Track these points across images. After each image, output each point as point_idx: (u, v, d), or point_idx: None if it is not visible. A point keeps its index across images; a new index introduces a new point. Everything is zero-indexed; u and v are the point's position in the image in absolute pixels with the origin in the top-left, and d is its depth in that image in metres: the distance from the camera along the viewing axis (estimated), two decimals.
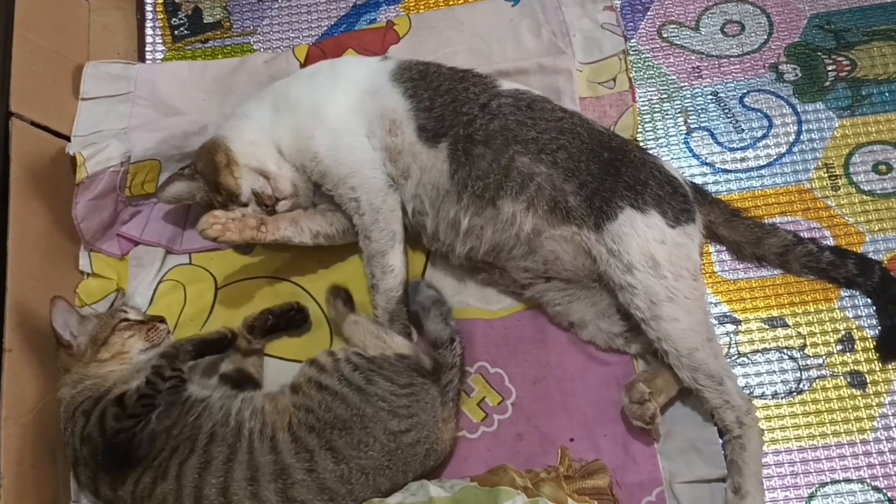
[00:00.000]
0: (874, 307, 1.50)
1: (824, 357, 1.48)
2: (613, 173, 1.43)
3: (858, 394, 1.45)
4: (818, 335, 1.50)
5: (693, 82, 1.75)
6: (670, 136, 1.70)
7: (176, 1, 1.96)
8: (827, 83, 1.72)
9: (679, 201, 1.44)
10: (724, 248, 1.58)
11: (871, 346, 1.48)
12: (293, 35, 1.90)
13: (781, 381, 1.47)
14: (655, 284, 1.37)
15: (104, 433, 1.25)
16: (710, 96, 1.73)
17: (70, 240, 1.61)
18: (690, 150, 1.69)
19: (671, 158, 1.67)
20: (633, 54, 1.79)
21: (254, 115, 1.57)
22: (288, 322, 1.54)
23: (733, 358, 1.50)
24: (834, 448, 1.42)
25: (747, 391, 1.46)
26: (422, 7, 1.90)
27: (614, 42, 1.77)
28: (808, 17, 1.79)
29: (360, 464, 1.26)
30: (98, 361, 1.35)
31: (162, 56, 1.89)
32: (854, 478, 1.39)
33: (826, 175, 1.63)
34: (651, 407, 1.36)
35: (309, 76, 1.62)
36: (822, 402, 1.45)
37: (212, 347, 1.43)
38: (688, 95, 1.74)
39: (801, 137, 1.67)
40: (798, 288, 1.54)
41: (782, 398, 1.46)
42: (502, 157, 1.43)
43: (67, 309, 1.38)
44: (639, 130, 1.70)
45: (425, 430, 1.31)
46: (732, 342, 1.51)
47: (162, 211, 1.67)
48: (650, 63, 1.78)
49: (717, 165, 1.67)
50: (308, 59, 1.77)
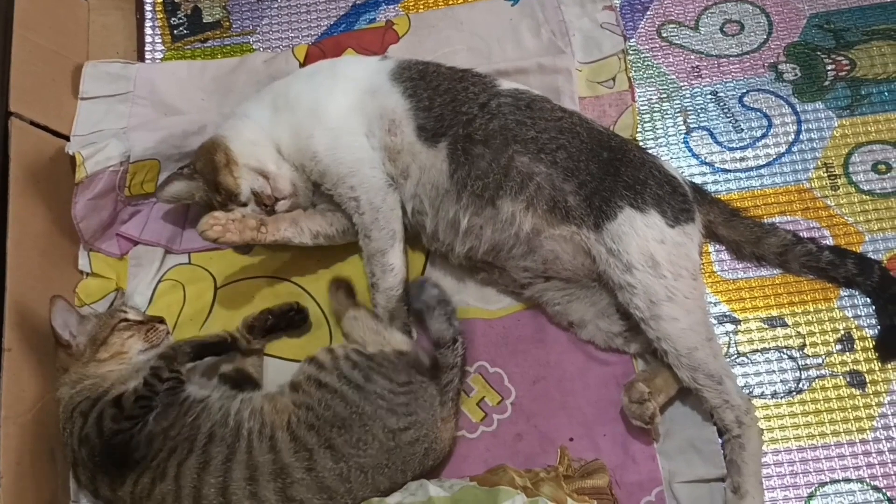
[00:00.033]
0: (873, 307, 1.50)
1: (824, 357, 1.48)
2: (613, 173, 1.43)
3: (858, 393, 1.45)
4: (817, 335, 1.50)
5: (692, 82, 1.75)
6: (670, 136, 1.70)
7: (175, 1, 1.95)
8: (826, 83, 1.72)
9: (678, 201, 1.44)
10: (723, 247, 1.58)
11: (871, 346, 1.48)
12: (292, 35, 1.90)
13: (781, 381, 1.47)
14: (655, 284, 1.37)
15: (102, 434, 1.25)
16: (709, 96, 1.73)
17: (69, 239, 1.61)
18: (690, 150, 1.69)
19: (670, 158, 1.67)
20: (632, 54, 1.79)
21: (253, 115, 1.57)
22: (288, 322, 1.54)
23: (733, 357, 1.50)
24: (833, 448, 1.42)
25: (747, 391, 1.46)
26: (421, 7, 1.90)
27: (614, 41, 1.77)
28: (808, 17, 1.79)
29: (359, 462, 1.26)
30: (97, 361, 1.35)
31: (161, 56, 1.89)
32: (853, 477, 1.39)
33: (825, 175, 1.63)
34: (650, 406, 1.36)
35: (308, 76, 1.62)
36: (822, 402, 1.45)
37: (211, 350, 1.43)
38: (687, 95, 1.74)
39: (801, 137, 1.67)
40: (797, 287, 1.54)
41: (782, 398, 1.46)
42: (502, 157, 1.43)
43: (67, 308, 1.38)
44: (638, 130, 1.70)
45: (424, 428, 1.31)
46: (732, 342, 1.51)
47: (161, 211, 1.67)
48: (650, 63, 1.78)
49: (716, 165, 1.67)
50: (307, 59, 1.77)
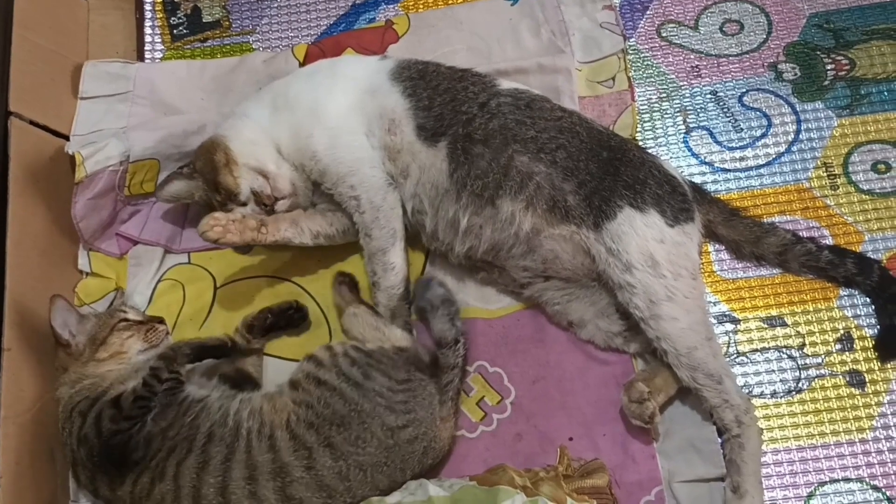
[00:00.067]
0: (873, 306, 1.50)
1: (823, 356, 1.48)
2: (612, 172, 1.43)
3: (857, 393, 1.45)
4: (817, 334, 1.50)
5: (692, 81, 1.75)
6: (669, 136, 1.70)
7: (175, 0, 1.95)
8: (826, 82, 1.72)
9: (678, 200, 1.44)
10: (723, 247, 1.58)
11: (870, 346, 1.48)
12: (292, 34, 1.90)
13: (780, 381, 1.47)
14: (654, 283, 1.37)
15: (100, 434, 1.25)
16: (709, 95, 1.73)
17: (69, 239, 1.61)
18: (689, 150, 1.69)
19: (670, 157, 1.67)
20: (632, 53, 1.79)
21: (253, 115, 1.57)
22: (287, 321, 1.54)
23: (732, 357, 1.50)
24: (833, 447, 1.42)
25: (746, 390, 1.46)
26: (421, 6, 1.90)
27: (613, 41, 1.77)
28: (808, 17, 1.79)
29: (358, 460, 1.26)
30: (96, 361, 1.34)
31: (161, 55, 1.89)
32: (853, 477, 1.39)
33: (825, 174, 1.63)
34: (650, 406, 1.36)
35: (308, 75, 1.62)
36: (821, 402, 1.45)
37: (210, 353, 1.42)
38: (687, 94, 1.74)
39: (800, 136, 1.67)
40: (797, 287, 1.54)
41: (781, 397, 1.46)
42: (501, 157, 1.42)
43: (67, 308, 1.38)
44: (638, 129, 1.70)
45: (423, 426, 1.31)
46: (731, 341, 1.51)
47: (161, 210, 1.67)
48: (649, 62, 1.78)
49: (716, 164, 1.67)
50: (307, 59, 1.77)
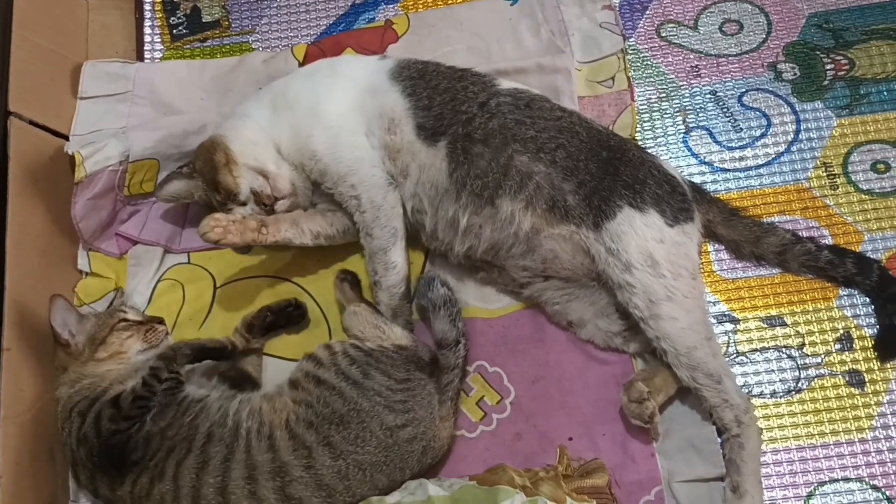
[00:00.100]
0: (873, 306, 1.50)
1: (823, 356, 1.48)
2: (612, 172, 1.43)
3: (857, 393, 1.45)
4: (817, 334, 1.50)
5: (692, 81, 1.75)
6: (669, 135, 1.70)
7: (174, 0, 1.95)
8: (825, 82, 1.72)
9: (677, 200, 1.44)
10: (722, 247, 1.58)
11: (870, 346, 1.48)
12: (292, 34, 1.89)
13: (780, 380, 1.47)
14: (654, 283, 1.37)
15: (100, 434, 1.25)
16: (708, 95, 1.74)
17: (69, 239, 1.61)
18: (689, 149, 1.69)
19: (670, 157, 1.67)
20: (631, 53, 1.79)
21: (252, 115, 1.57)
22: (287, 319, 1.54)
23: (732, 357, 1.50)
24: (832, 447, 1.42)
25: (746, 390, 1.46)
26: (420, 6, 1.90)
27: (613, 41, 1.77)
28: (807, 16, 1.79)
29: (358, 459, 1.26)
30: (95, 361, 1.34)
31: (160, 55, 1.89)
32: (853, 477, 1.39)
33: (825, 174, 1.63)
34: (650, 406, 1.36)
35: (307, 75, 1.62)
36: (821, 401, 1.45)
37: (210, 354, 1.42)
38: (686, 94, 1.74)
39: (800, 136, 1.67)
40: (797, 287, 1.54)
41: (781, 397, 1.46)
42: (501, 156, 1.43)
43: (66, 307, 1.38)
44: (637, 129, 1.70)
45: (422, 426, 1.31)
46: (731, 341, 1.51)
47: (160, 210, 1.67)
48: (649, 62, 1.78)
49: (715, 164, 1.67)
50: (307, 59, 1.77)
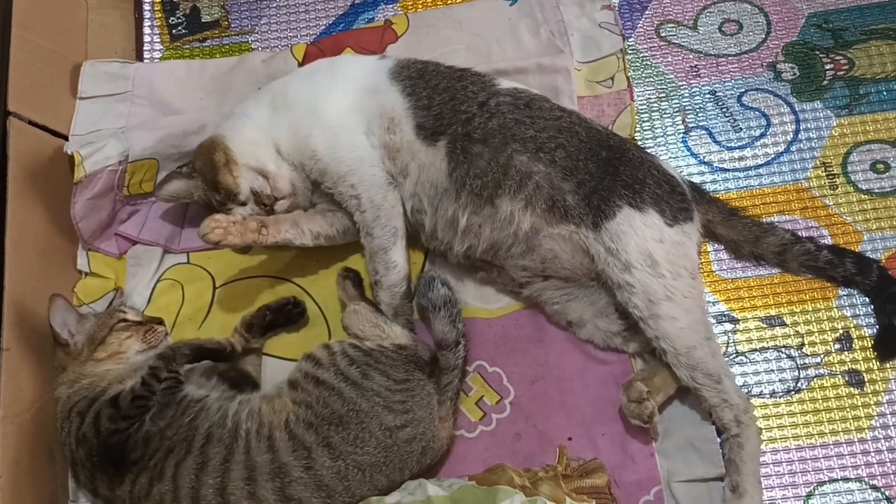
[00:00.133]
0: (872, 306, 1.50)
1: (822, 356, 1.48)
2: (612, 172, 1.43)
3: (856, 393, 1.45)
4: (816, 334, 1.50)
5: (691, 81, 1.75)
6: (668, 135, 1.70)
7: (174, 0, 1.95)
8: (825, 82, 1.72)
9: (677, 200, 1.44)
10: (722, 246, 1.58)
11: (869, 345, 1.48)
12: (291, 34, 1.89)
13: (779, 380, 1.47)
14: (653, 283, 1.37)
15: (99, 434, 1.25)
16: (708, 95, 1.74)
17: (68, 239, 1.61)
18: (688, 149, 1.69)
19: (669, 157, 1.67)
20: (631, 53, 1.79)
21: (252, 115, 1.57)
22: (286, 317, 1.54)
23: (731, 357, 1.50)
24: (832, 447, 1.42)
25: (745, 390, 1.46)
26: (420, 6, 1.90)
27: (612, 41, 1.77)
28: (806, 16, 1.79)
29: (357, 460, 1.26)
30: (94, 361, 1.34)
31: (160, 55, 1.89)
32: (852, 476, 1.39)
33: (824, 174, 1.63)
34: (649, 406, 1.36)
35: (307, 75, 1.62)
36: (820, 401, 1.45)
37: (209, 355, 1.42)
38: (686, 94, 1.74)
39: (799, 136, 1.67)
40: (796, 287, 1.54)
41: (780, 397, 1.46)
42: (500, 156, 1.42)
43: (66, 307, 1.38)
44: (637, 129, 1.70)
45: (421, 426, 1.31)
46: (730, 341, 1.51)
47: (160, 210, 1.67)
48: (648, 62, 1.78)
49: (714, 164, 1.67)
50: (306, 59, 1.77)
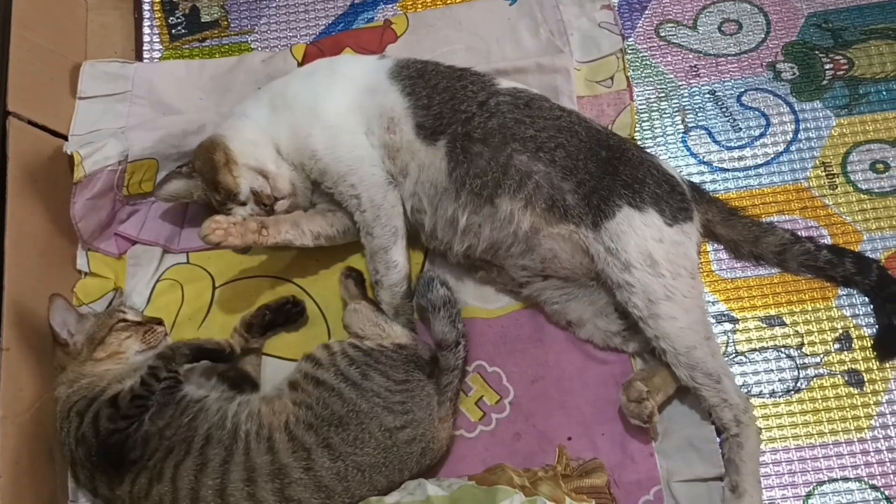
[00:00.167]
0: (872, 306, 1.50)
1: (822, 356, 1.48)
2: (611, 172, 1.43)
3: (856, 392, 1.45)
4: (816, 334, 1.50)
5: (691, 81, 1.75)
6: (668, 135, 1.70)
7: (173, 0, 1.95)
8: (824, 82, 1.72)
9: (677, 200, 1.44)
10: (721, 246, 1.58)
11: (869, 345, 1.48)
12: (291, 34, 1.89)
13: (779, 380, 1.47)
14: (653, 283, 1.37)
15: (98, 434, 1.25)
16: (707, 95, 1.74)
17: (68, 239, 1.60)
18: (688, 149, 1.69)
19: (669, 157, 1.67)
20: (630, 53, 1.79)
21: (252, 115, 1.57)
22: (286, 317, 1.54)
23: (731, 356, 1.50)
24: (831, 447, 1.42)
25: (745, 390, 1.46)
26: (419, 6, 1.90)
27: (612, 41, 1.77)
28: (806, 16, 1.79)
29: (356, 461, 1.26)
30: (94, 360, 1.34)
31: (159, 55, 1.89)
32: (851, 476, 1.39)
33: (823, 174, 1.63)
34: (649, 405, 1.36)
35: (306, 75, 1.62)
36: (820, 401, 1.45)
37: (209, 355, 1.41)
38: (685, 94, 1.74)
39: (799, 136, 1.67)
40: (796, 287, 1.54)
41: (780, 397, 1.46)
42: (500, 155, 1.43)
43: (66, 307, 1.38)
44: (636, 129, 1.70)
45: (421, 427, 1.31)
46: (730, 341, 1.51)
47: (159, 210, 1.67)
48: (648, 62, 1.78)
49: (714, 164, 1.67)
50: (306, 58, 1.77)
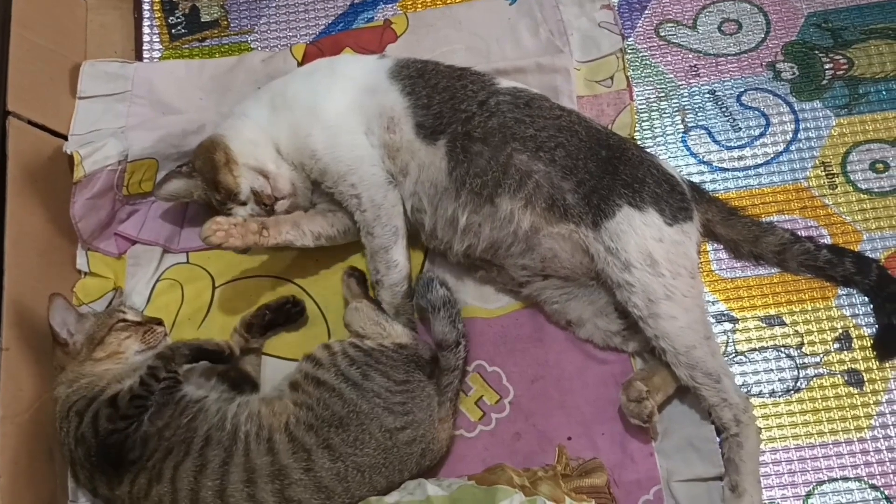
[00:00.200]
0: (871, 305, 1.50)
1: (822, 355, 1.48)
2: (611, 171, 1.43)
3: (856, 392, 1.45)
4: (815, 333, 1.50)
5: (690, 81, 1.75)
6: (668, 135, 1.70)
7: (173, 0, 1.95)
8: (824, 81, 1.72)
9: (676, 199, 1.44)
10: (721, 246, 1.58)
11: (869, 345, 1.48)
12: (290, 34, 1.89)
13: (779, 380, 1.47)
14: (653, 282, 1.37)
15: (97, 434, 1.25)
16: (707, 95, 1.74)
17: (67, 239, 1.60)
18: (688, 149, 1.69)
19: (669, 157, 1.67)
20: (630, 53, 1.79)
21: (252, 114, 1.57)
22: (285, 316, 1.54)
23: (731, 356, 1.50)
24: (831, 446, 1.42)
25: (745, 389, 1.46)
26: (419, 6, 1.90)
27: (612, 41, 1.77)
28: (806, 16, 1.79)
29: (356, 461, 1.26)
30: (93, 360, 1.34)
31: (159, 55, 1.89)
32: (851, 476, 1.39)
33: (823, 173, 1.63)
34: (648, 405, 1.36)
35: (306, 74, 1.62)
36: (820, 401, 1.45)
37: (208, 356, 1.41)
38: (685, 94, 1.74)
39: (799, 136, 1.67)
40: (795, 286, 1.54)
41: (780, 396, 1.46)
42: (500, 155, 1.43)
43: (65, 306, 1.38)
44: (636, 129, 1.70)
45: (421, 428, 1.31)
46: (730, 340, 1.51)
47: (159, 210, 1.67)
48: (648, 61, 1.78)
49: (714, 164, 1.67)
50: (305, 58, 1.77)
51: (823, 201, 1.60)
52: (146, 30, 1.91)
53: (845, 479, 1.39)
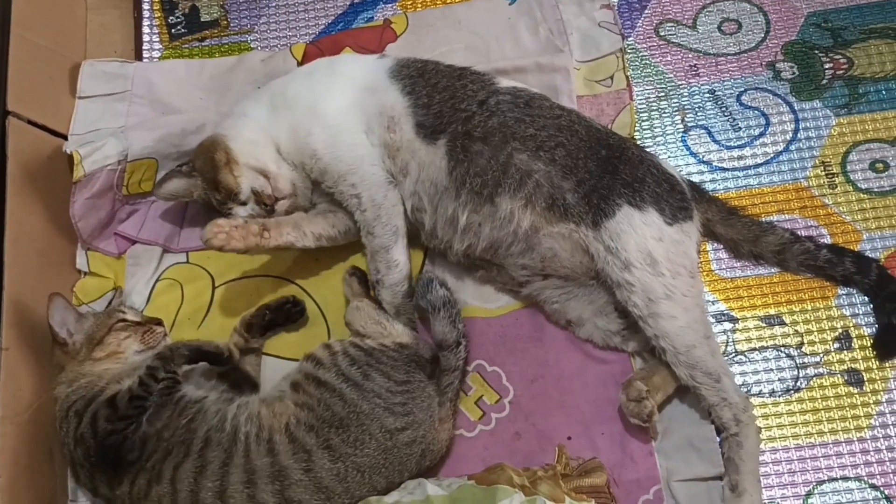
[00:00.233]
0: (871, 305, 1.50)
1: (821, 355, 1.48)
2: (611, 171, 1.43)
3: (856, 392, 1.45)
4: (815, 333, 1.50)
5: (690, 80, 1.75)
6: (667, 134, 1.70)
7: (173, 0, 1.95)
8: (824, 81, 1.72)
9: (676, 199, 1.44)
10: (721, 246, 1.58)
11: (869, 345, 1.48)
12: (290, 34, 1.89)
13: (779, 379, 1.47)
14: (653, 282, 1.37)
15: (96, 434, 1.25)
16: (707, 94, 1.74)
17: (67, 238, 1.61)
18: (688, 148, 1.69)
19: (668, 156, 1.67)
20: (630, 52, 1.79)
21: (251, 114, 1.57)
22: (286, 316, 1.54)
23: (731, 356, 1.50)
24: (831, 446, 1.42)
25: (744, 389, 1.46)
26: (419, 5, 1.90)
27: (611, 40, 1.77)
28: (806, 16, 1.79)
29: (356, 462, 1.26)
30: (93, 360, 1.34)
31: (159, 54, 1.89)
32: (851, 476, 1.39)
33: (823, 173, 1.63)
34: (648, 405, 1.36)
35: (306, 74, 1.62)
36: (820, 401, 1.45)
37: (207, 357, 1.41)
38: (685, 93, 1.74)
39: (799, 135, 1.67)
40: (795, 286, 1.54)
41: (779, 396, 1.46)
42: (500, 154, 1.43)
43: (65, 306, 1.38)
44: (636, 128, 1.70)
45: (421, 429, 1.31)
46: (730, 340, 1.51)
47: (159, 209, 1.67)
48: (647, 61, 1.78)
49: (714, 163, 1.67)
50: (305, 58, 1.77)
51: (823, 201, 1.60)
52: (146, 29, 1.91)
53: (845, 478, 1.39)
